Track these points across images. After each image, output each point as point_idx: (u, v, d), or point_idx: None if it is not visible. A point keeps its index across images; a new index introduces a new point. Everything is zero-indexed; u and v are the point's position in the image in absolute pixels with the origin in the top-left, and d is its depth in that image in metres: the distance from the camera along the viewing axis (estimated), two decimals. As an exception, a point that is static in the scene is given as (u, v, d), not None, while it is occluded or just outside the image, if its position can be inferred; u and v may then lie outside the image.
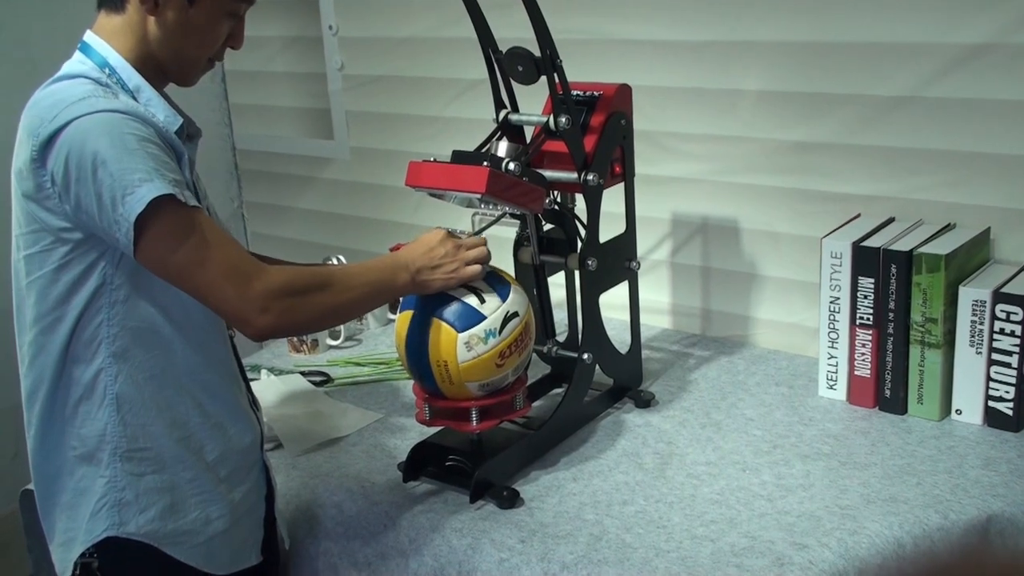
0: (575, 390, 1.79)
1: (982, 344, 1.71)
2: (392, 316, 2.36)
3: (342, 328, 2.29)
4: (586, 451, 1.75)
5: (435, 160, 1.65)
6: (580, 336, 1.81)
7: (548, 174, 1.71)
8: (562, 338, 1.96)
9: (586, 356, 1.77)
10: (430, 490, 1.68)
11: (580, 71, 1.75)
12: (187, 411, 1.46)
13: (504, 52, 1.70)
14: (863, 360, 1.82)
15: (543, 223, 1.84)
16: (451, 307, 1.59)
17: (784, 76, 1.98)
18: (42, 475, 1.48)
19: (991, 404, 1.73)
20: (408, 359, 1.63)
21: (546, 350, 1.85)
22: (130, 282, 1.39)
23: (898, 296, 1.75)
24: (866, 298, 1.79)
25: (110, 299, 1.39)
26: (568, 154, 1.70)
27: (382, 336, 2.34)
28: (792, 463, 1.67)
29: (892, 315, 1.77)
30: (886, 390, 1.81)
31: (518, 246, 1.86)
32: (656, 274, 2.24)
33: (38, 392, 1.44)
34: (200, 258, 1.34)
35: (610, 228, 1.81)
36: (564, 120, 1.66)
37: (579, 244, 1.79)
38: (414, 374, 1.64)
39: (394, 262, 1.55)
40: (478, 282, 1.61)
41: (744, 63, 2.02)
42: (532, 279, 1.85)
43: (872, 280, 1.77)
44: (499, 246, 1.66)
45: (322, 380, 2.11)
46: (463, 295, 1.59)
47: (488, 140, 1.74)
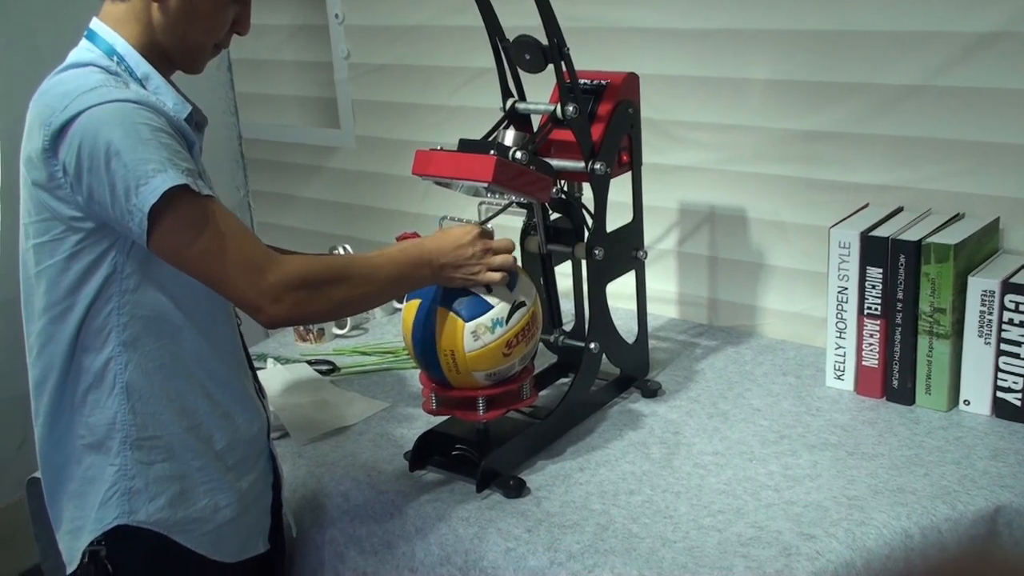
0: (582, 380, 1.79)
1: (991, 334, 1.70)
2: (399, 305, 2.36)
3: (348, 317, 2.29)
4: (593, 441, 1.75)
5: (442, 149, 1.64)
6: (587, 325, 1.81)
7: (555, 163, 1.70)
8: (569, 327, 1.95)
9: (593, 345, 1.77)
10: (437, 479, 1.68)
11: (587, 59, 1.74)
12: (196, 400, 1.46)
13: (511, 40, 1.69)
14: (871, 350, 1.81)
15: (550, 212, 1.84)
16: (458, 296, 1.58)
17: (792, 65, 1.97)
18: (49, 464, 1.48)
19: (999, 395, 1.72)
20: (415, 348, 1.62)
21: (553, 339, 1.84)
22: (140, 271, 1.39)
23: (906, 286, 1.74)
24: (874, 288, 1.78)
25: (120, 288, 1.39)
26: (575, 143, 1.69)
27: (389, 325, 2.34)
28: (799, 453, 1.67)
29: (900, 305, 1.76)
30: (894, 380, 1.80)
31: (525, 235, 1.86)
32: (663, 263, 2.23)
33: (47, 381, 1.44)
34: (214, 247, 1.34)
35: (617, 217, 1.80)
36: (571, 109, 1.65)
37: (586, 233, 1.79)
38: (421, 363, 1.64)
39: (418, 257, 1.53)
40: None
41: (752, 52, 2.01)
42: (539, 268, 1.84)
43: (880, 270, 1.77)
44: (506, 235, 1.66)
45: (328, 369, 2.11)
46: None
47: (495, 129, 1.74)
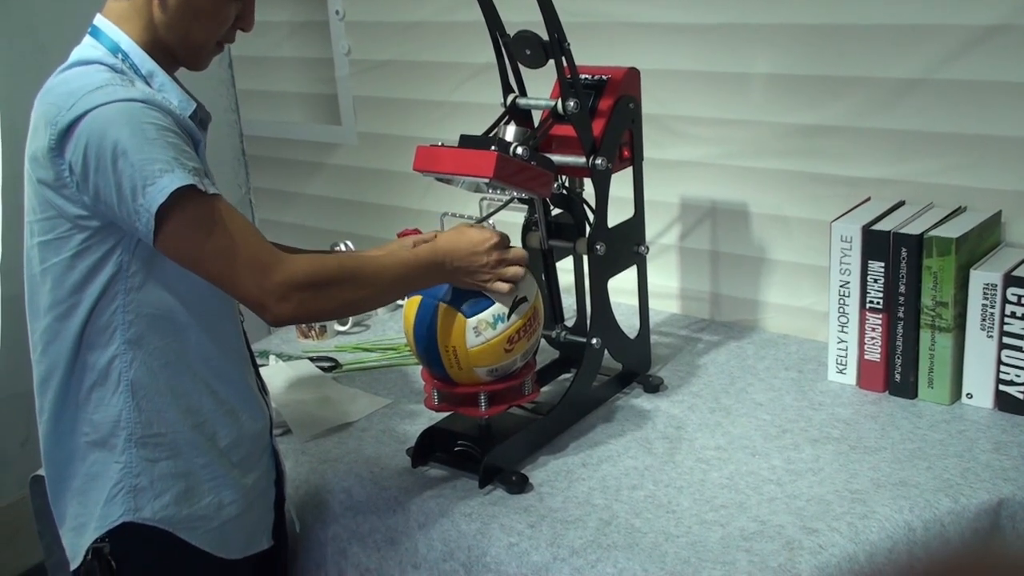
0: (584, 375, 1.79)
1: (993, 328, 1.70)
2: (401, 302, 2.36)
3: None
4: (595, 436, 1.75)
5: (443, 145, 1.64)
6: (589, 321, 1.81)
7: (556, 158, 1.70)
8: (571, 323, 1.96)
9: (595, 341, 1.77)
10: (439, 475, 1.68)
11: (588, 55, 1.74)
12: (200, 397, 1.46)
13: (512, 36, 1.69)
14: (873, 344, 1.81)
15: (551, 208, 1.84)
16: (460, 292, 1.58)
17: (794, 59, 1.97)
18: (53, 460, 1.48)
19: (1002, 388, 1.72)
20: (417, 345, 1.62)
21: (555, 335, 1.84)
22: (145, 269, 1.39)
23: (908, 280, 1.74)
24: (876, 282, 1.78)
25: (126, 286, 1.39)
26: (576, 138, 1.69)
27: (390, 322, 2.34)
28: (802, 447, 1.67)
29: (902, 299, 1.76)
30: (896, 374, 1.80)
31: (526, 231, 1.85)
32: (665, 258, 2.23)
33: (51, 378, 1.44)
34: (220, 246, 1.34)
35: (619, 212, 1.80)
36: (572, 104, 1.65)
37: (587, 229, 1.79)
38: (423, 360, 1.64)
39: (430, 259, 1.52)
40: None
41: (753, 46, 2.01)
42: (540, 264, 1.85)
43: (882, 264, 1.77)
44: (507, 231, 1.65)
45: (331, 366, 2.11)
46: None
47: (496, 124, 1.74)
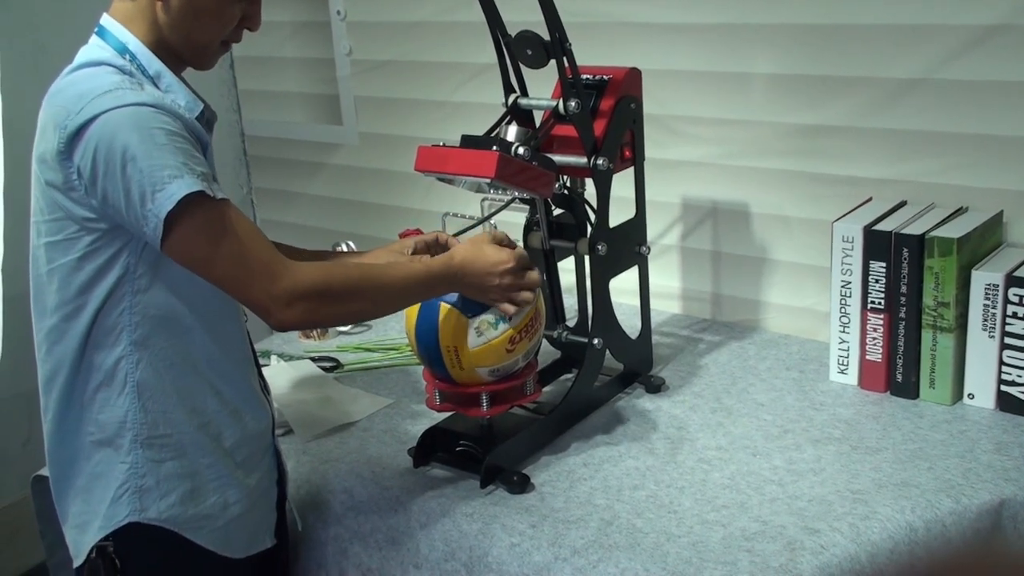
0: (585, 375, 1.79)
1: (995, 328, 1.70)
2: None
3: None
4: (597, 436, 1.75)
5: (445, 145, 1.64)
6: (590, 321, 1.81)
7: (558, 158, 1.70)
8: (572, 323, 1.96)
9: (596, 341, 1.77)
10: (441, 475, 1.68)
11: (590, 55, 1.74)
12: (205, 398, 1.46)
13: (513, 36, 1.69)
14: (874, 344, 1.81)
15: (553, 208, 1.84)
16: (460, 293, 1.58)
17: (794, 59, 1.97)
18: (57, 459, 1.48)
19: (1003, 388, 1.72)
20: (418, 345, 1.62)
21: (556, 335, 1.84)
22: (152, 272, 1.40)
23: (910, 280, 1.74)
24: (878, 282, 1.78)
25: (132, 288, 1.40)
26: (578, 138, 1.69)
27: (392, 322, 2.34)
28: (803, 448, 1.67)
29: (904, 299, 1.76)
30: (898, 374, 1.80)
31: (528, 231, 1.85)
32: (666, 259, 2.23)
33: (56, 377, 1.44)
34: (227, 252, 1.35)
35: (620, 213, 1.80)
36: (574, 104, 1.65)
37: (589, 229, 1.79)
38: (424, 360, 1.64)
39: (444, 274, 1.52)
40: None
41: (754, 46, 2.01)
42: (542, 264, 1.84)
43: (884, 264, 1.76)
44: (509, 231, 1.66)
45: (332, 366, 2.11)
46: None
47: (497, 124, 1.74)
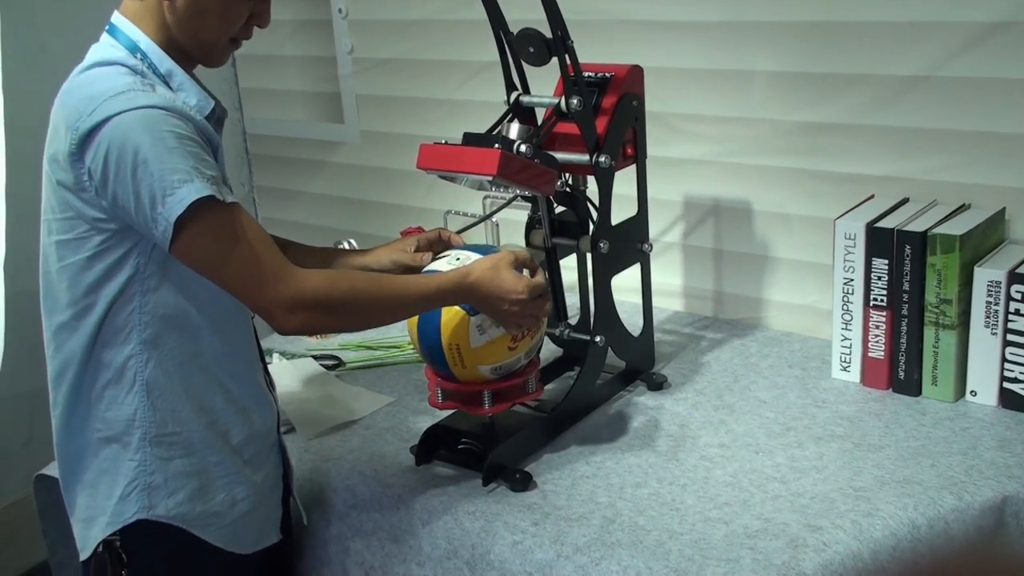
0: (587, 373, 1.79)
1: (997, 325, 1.70)
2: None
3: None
4: (599, 434, 1.75)
5: (446, 142, 1.64)
6: (592, 319, 1.81)
7: (560, 156, 1.70)
8: (574, 321, 1.95)
9: (598, 339, 1.77)
10: (443, 473, 1.68)
11: (591, 52, 1.74)
12: (214, 397, 1.47)
13: (515, 33, 1.69)
14: (877, 342, 1.81)
15: (555, 205, 1.83)
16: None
17: (796, 56, 1.97)
18: (66, 453, 1.49)
19: (1006, 385, 1.72)
20: (420, 342, 1.62)
21: (558, 333, 1.84)
22: (161, 272, 1.40)
23: (912, 277, 1.74)
24: (880, 279, 1.78)
25: (142, 287, 1.40)
26: (580, 136, 1.69)
27: (394, 320, 2.34)
28: (805, 445, 1.67)
29: (906, 296, 1.76)
30: (900, 372, 1.80)
31: (530, 229, 1.85)
32: (668, 256, 2.23)
33: (66, 374, 1.45)
34: (235, 256, 1.35)
35: (622, 210, 1.80)
36: (576, 102, 1.65)
37: (591, 226, 1.79)
38: (426, 357, 1.64)
39: (456, 289, 1.51)
40: None
41: (756, 43, 2.01)
42: (544, 262, 1.84)
43: (886, 261, 1.76)
44: (511, 229, 1.66)
45: (334, 364, 2.11)
46: None
47: (499, 122, 1.74)
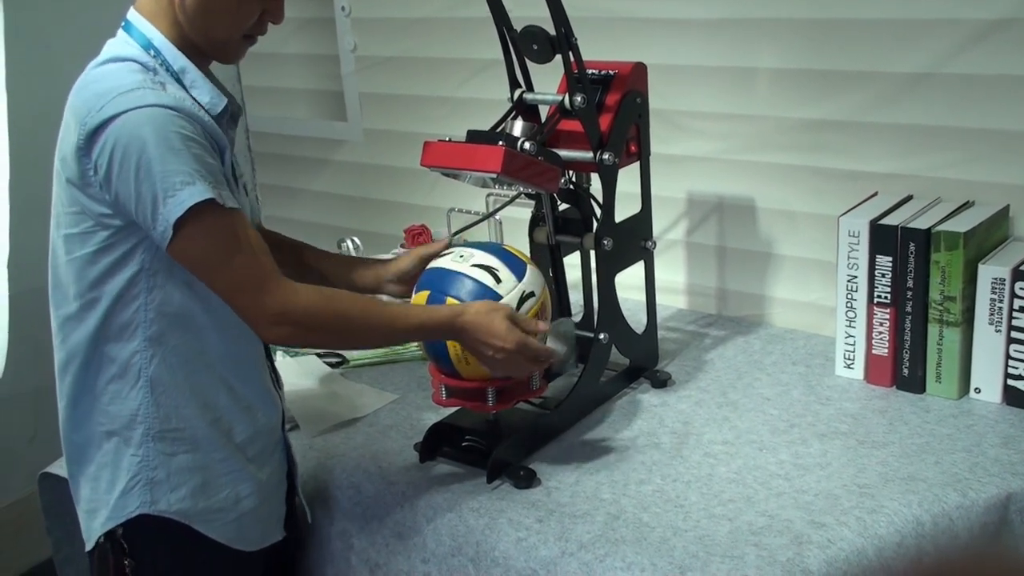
0: (591, 370, 1.79)
1: (1001, 322, 1.70)
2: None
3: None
4: (603, 431, 1.75)
5: (450, 140, 1.64)
6: (596, 316, 1.81)
7: (563, 153, 1.70)
8: (578, 318, 1.95)
9: (602, 336, 1.77)
10: (447, 470, 1.68)
11: (595, 49, 1.74)
12: (218, 394, 1.47)
13: (519, 31, 1.69)
14: (881, 339, 1.81)
15: (558, 203, 1.83)
16: (466, 287, 1.58)
17: (800, 53, 1.97)
18: (71, 443, 1.50)
19: (1010, 382, 1.72)
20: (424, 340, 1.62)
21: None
22: (167, 270, 1.40)
23: (916, 274, 1.74)
24: (884, 276, 1.78)
25: (147, 285, 1.41)
26: (583, 133, 1.69)
27: (397, 317, 2.34)
28: (809, 442, 1.67)
29: (910, 293, 1.76)
30: (904, 369, 1.80)
31: (533, 226, 1.85)
32: (672, 254, 2.23)
33: (71, 365, 1.46)
34: (228, 262, 1.37)
35: (626, 208, 1.80)
36: (579, 99, 1.65)
37: (595, 224, 1.79)
38: (430, 355, 1.64)
39: (447, 327, 1.50)
40: (493, 261, 1.61)
41: (759, 41, 2.01)
42: (547, 259, 1.84)
43: (890, 258, 1.76)
44: (514, 226, 1.66)
45: (338, 361, 2.11)
46: (479, 275, 1.59)
47: (503, 120, 1.74)
